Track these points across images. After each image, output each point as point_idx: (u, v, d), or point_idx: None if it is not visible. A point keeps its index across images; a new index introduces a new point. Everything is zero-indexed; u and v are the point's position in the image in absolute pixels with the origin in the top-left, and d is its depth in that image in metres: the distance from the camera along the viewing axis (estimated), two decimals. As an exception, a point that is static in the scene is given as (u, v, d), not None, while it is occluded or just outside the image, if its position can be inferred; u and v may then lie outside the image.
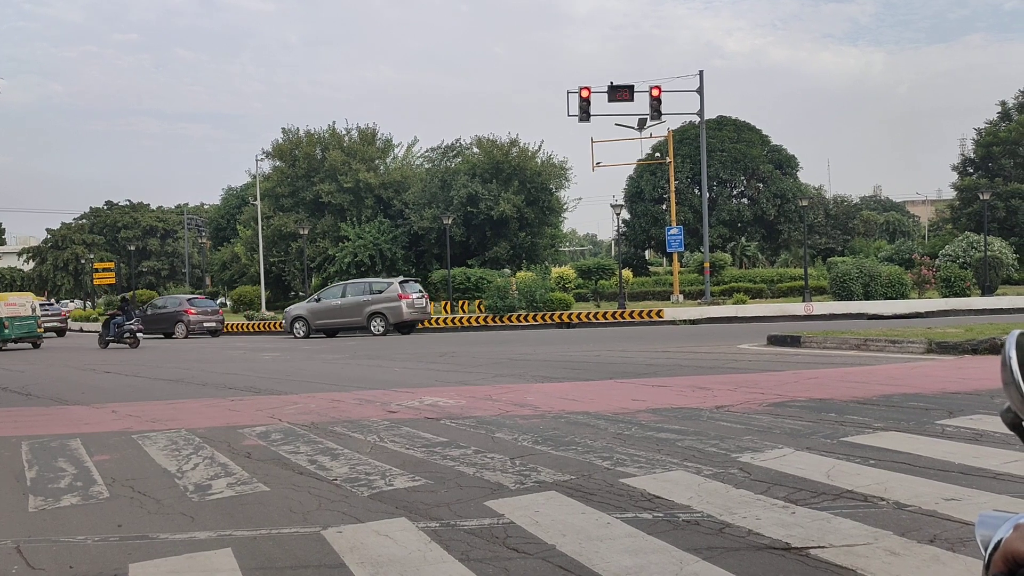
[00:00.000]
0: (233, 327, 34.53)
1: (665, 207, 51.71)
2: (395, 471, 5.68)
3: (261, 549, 4.07)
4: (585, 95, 32.46)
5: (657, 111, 33.49)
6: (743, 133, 55.85)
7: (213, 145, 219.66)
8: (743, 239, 56.25)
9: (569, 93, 32.78)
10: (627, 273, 43.43)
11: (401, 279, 28.36)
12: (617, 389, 9.95)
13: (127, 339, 24.29)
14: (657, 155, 51.05)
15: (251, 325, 34.68)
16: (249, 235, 49.40)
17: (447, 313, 33.46)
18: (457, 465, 5.81)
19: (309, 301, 28.80)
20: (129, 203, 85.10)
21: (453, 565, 3.72)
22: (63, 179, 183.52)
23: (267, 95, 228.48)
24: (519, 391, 10.05)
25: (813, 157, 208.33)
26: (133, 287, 56.18)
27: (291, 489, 5.30)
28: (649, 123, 35.00)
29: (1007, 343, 1.13)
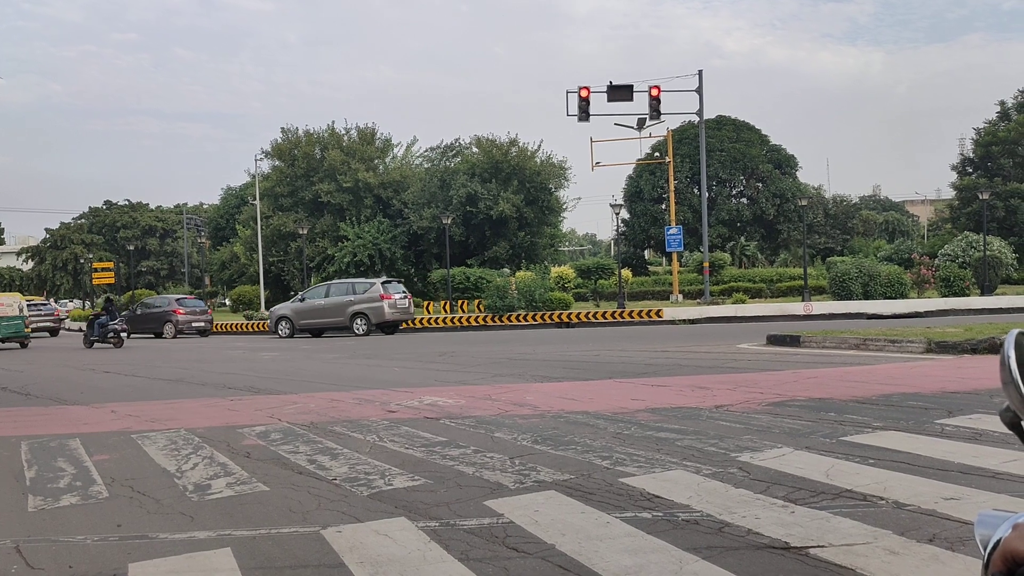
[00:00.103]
0: (233, 327, 34.48)
1: (664, 207, 51.73)
2: (394, 471, 5.68)
3: (260, 549, 4.07)
4: (584, 95, 32.48)
5: (656, 111, 33.51)
6: (742, 133, 55.87)
7: (212, 145, 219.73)
8: (742, 239, 56.29)
9: (568, 93, 32.84)
10: (626, 273, 43.43)
11: (383, 280, 28.37)
12: (616, 389, 9.95)
13: (111, 339, 24.56)
14: (656, 155, 51.05)
15: (250, 325, 34.62)
16: (248, 235, 49.39)
17: (446, 313, 33.45)
18: (456, 465, 5.81)
19: (293, 301, 28.86)
20: (128, 203, 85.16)
21: (452, 565, 3.72)
22: (62, 179, 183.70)
23: (266, 95, 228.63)
24: (518, 391, 10.05)
25: (812, 157, 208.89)
26: (132, 287, 56.12)
27: (290, 489, 5.30)
28: (648, 123, 35.03)
29: (1005, 343, 1.13)
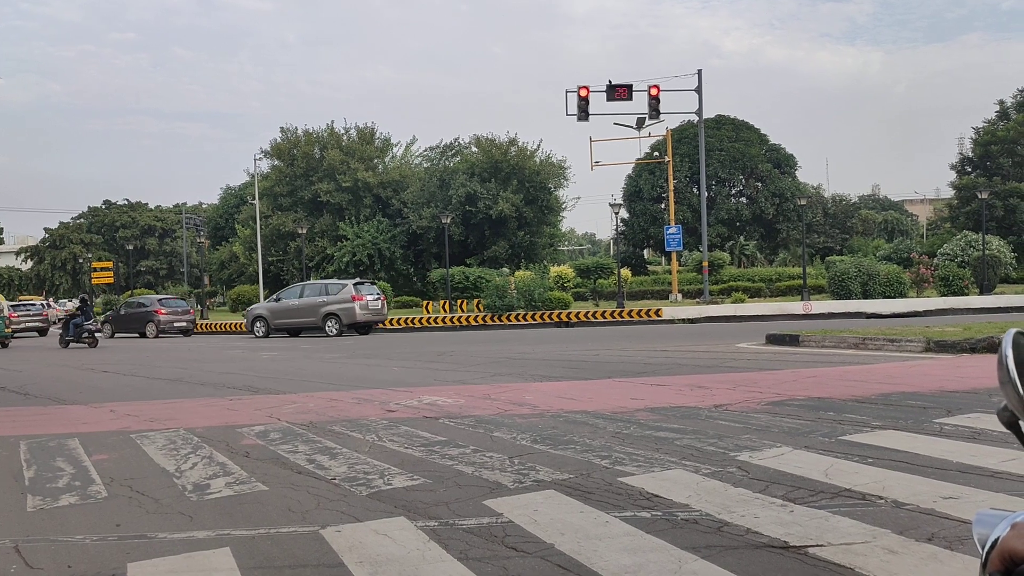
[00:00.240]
0: (232, 327, 34.53)
1: (664, 206, 51.70)
2: (394, 470, 5.68)
3: (259, 548, 4.07)
4: (584, 94, 32.48)
5: (656, 110, 33.52)
6: (741, 132, 55.85)
7: (211, 144, 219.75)
8: (742, 238, 56.31)
9: (568, 92, 32.84)
10: (626, 272, 43.41)
11: (356, 281, 28.49)
12: (616, 388, 9.95)
13: (85, 339, 24.89)
14: (656, 154, 51.05)
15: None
16: (247, 234, 49.36)
17: (446, 312, 33.45)
18: (456, 464, 5.81)
19: (269, 301, 29.04)
20: (127, 202, 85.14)
21: (452, 564, 3.72)
22: (61, 178, 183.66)
23: (265, 94, 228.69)
24: (518, 390, 10.05)
25: (811, 156, 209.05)
26: (132, 287, 56.10)
27: (289, 488, 5.29)
28: (648, 122, 35.03)
29: (1003, 342, 1.13)
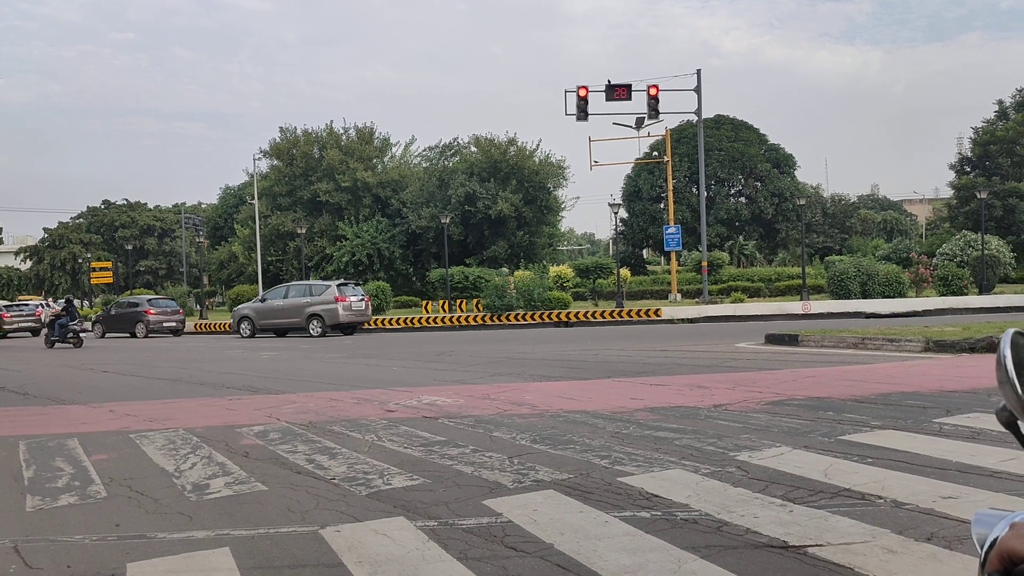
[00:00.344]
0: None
1: (663, 206, 51.70)
2: (393, 470, 5.68)
3: (259, 548, 4.07)
4: (583, 94, 32.47)
5: (655, 110, 33.51)
6: (740, 132, 55.86)
7: (211, 144, 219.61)
8: (741, 238, 56.31)
9: (567, 92, 32.82)
10: (625, 272, 43.42)
11: (339, 282, 28.78)
12: (615, 388, 9.95)
13: (70, 339, 25.09)
14: (655, 154, 51.06)
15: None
16: (247, 234, 49.35)
17: (445, 312, 33.45)
18: (455, 464, 5.81)
19: (255, 301, 29.21)
20: (126, 202, 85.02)
21: (451, 564, 3.72)
22: (61, 178, 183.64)
23: (265, 94, 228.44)
24: (517, 390, 10.05)
25: (811, 156, 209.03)
26: (131, 287, 56.09)
27: (289, 488, 5.29)
28: (647, 122, 35.01)
29: (1002, 342, 1.14)
